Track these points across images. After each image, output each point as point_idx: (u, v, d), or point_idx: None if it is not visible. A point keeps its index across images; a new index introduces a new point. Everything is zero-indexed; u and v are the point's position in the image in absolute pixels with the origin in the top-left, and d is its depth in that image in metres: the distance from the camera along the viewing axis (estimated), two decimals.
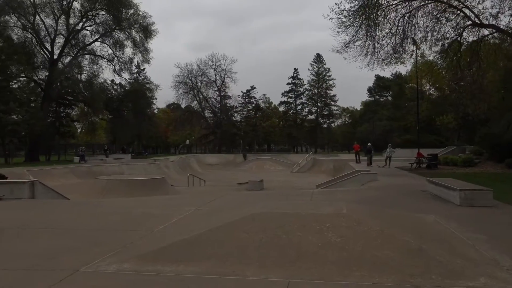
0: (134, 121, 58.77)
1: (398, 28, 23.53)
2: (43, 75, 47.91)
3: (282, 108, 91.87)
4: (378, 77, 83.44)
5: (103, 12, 48.87)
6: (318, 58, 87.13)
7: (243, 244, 5.52)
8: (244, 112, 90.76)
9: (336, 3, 23.16)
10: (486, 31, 23.60)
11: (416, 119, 41.68)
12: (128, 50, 52.44)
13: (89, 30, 49.75)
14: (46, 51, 47.11)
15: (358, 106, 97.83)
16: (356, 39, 23.82)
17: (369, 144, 33.50)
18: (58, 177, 26.78)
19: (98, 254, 5.62)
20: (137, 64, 61.35)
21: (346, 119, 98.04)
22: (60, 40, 47.87)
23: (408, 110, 58.96)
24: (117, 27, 49.41)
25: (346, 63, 69.77)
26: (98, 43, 51.14)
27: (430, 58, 27.52)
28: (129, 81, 59.63)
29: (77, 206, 11.80)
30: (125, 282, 4.58)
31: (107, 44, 51.01)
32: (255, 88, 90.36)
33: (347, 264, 4.81)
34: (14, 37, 43.60)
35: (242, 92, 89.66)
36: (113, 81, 63.46)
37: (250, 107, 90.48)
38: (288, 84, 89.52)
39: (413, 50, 25.62)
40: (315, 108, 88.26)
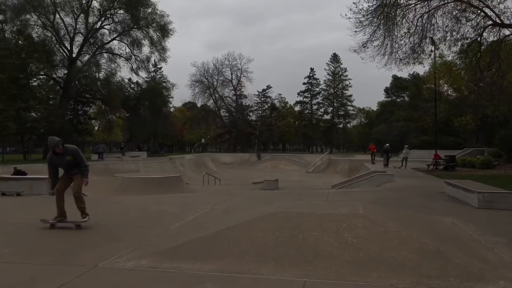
0: (150, 119, 59.24)
1: (417, 28, 23.26)
2: (62, 73, 48.71)
3: (297, 107, 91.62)
4: (395, 77, 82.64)
5: (122, 11, 49.42)
6: (335, 58, 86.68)
7: (259, 243, 5.54)
8: (259, 111, 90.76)
9: (354, 2, 22.98)
10: (507, 31, 23.20)
11: (433, 120, 41.23)
12: (145, 49, 52.93)
13: (107, 29, 50.40)
14: (65, 50, 47.76)
15: (374, 107, 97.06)
16: (373, 39, 23.63)
17: (386, 145, 33.21)
18: None
19: (116, 250, 5.70)
20: (154, 62, 61.76)
21: (362, 120, 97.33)
22: (79, 38, 48.55)
23: (425, 111, 58.32)
24: (135, 26, 49.85)
25: (363, 63, 69.55)
26: (116, 42, 51.78)
27: (449, 58, 27.18)
28: (146, 79, 60.22)
29: (94, 203, 11.92)
30: (142, 278, 4.63)
31: (125, 42, 51.57)
32: (271, 87, 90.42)
33: (364, 264, 4.80)
34: (34, 35, 44.39)
35: (258, 91, 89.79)
36: (130, 79, 64.13)
37: (266, 107, 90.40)
38: (304, 83, 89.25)
39: (431, 50, 25.32)
40: (331, 108, 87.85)
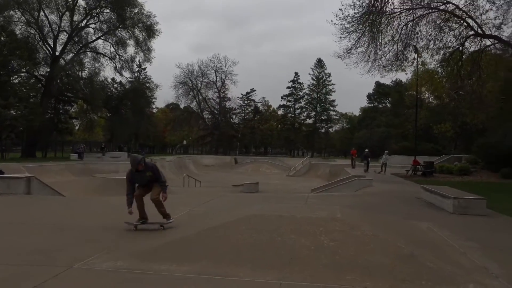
0: (133, 120, 58.69)
1: (401, 35, 23.55)
2: (44, 71, 47.80)
3: (280, 111, 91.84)
4: (378, 83, 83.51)
5: (108, 10, 48.83)
6: (319, 63, 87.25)
7: (238, 245, 5.58)
8: (242, 114, 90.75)
9: (340, 9, 23.16)
10: (488, 42, 23.64)
11: (414, 127, 41.79)
12: (130, 49, 52.44)
13: (92, 28, 49.76)
14: (48, 47, 46.98)
15: (357, 112, 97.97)
16: (358, 45, 23.81)
17: (366, 150, 33.58)
18: (54, 173, 26.67)
19: (92, 251, 5.67)
20: (138, 63, 61.20)
21: (344, 125, 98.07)
22: (63, 36, 47.80)
23: (406, 118, 59.07)
24: (120, 26, 49.37)
25: (347, 69, 69.67)
26: (100, 41, 51.12)
27: (431, 66, 27.57)
28: (129, 79, 59.63)
29: (72, 203, 11.84)
30: (118, 279, 4.62)
31: (110, 42, 50.95)
32: (255, 90, 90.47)
33: (340, 267, 4.87)
34: (17, 32, 43.54)
35: (241, 94, 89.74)
36: (113, 79, 63.50)
37: (249, 110, 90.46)
38: (288, 87, 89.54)
39: (414, 58, 25.66)
40: (314, 112, 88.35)
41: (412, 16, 23.19)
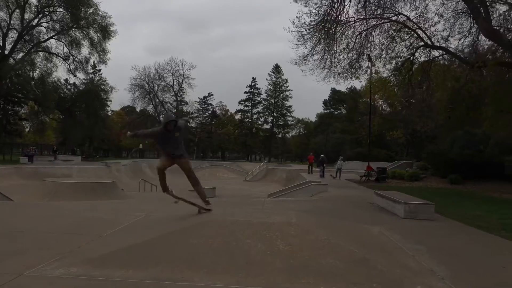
0: (87, 122, 57.18)
1: (355, 44, 24.22)
2: None
3: (238, 116, 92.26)
4: (334, 90, 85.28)
5: (61, 9, 47.43)
6: (277, 69, 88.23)
7: (193, 250, 5.57)
8: (200, 118, 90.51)
9: (297, 17, 23.59)
10: (436, 53, 24.68)
11: (368, 133, 42.92)
12: (84, 50, 51.21)
13: (44, 27, 48.22)
14: None
15: (313, 118, 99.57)
16: (314, 53, 24.33)
17: (322, 155, 34.19)
18: (2, 177, 25.59)
19: (44, 258, 5.49)
20: (93, 64, 59.74)
21: (301, 130, 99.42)
22: (13, 35, 46.14)
23: (360, 124, 60.69)
24: (74, 26, 48.08)
25: (304, 76, 70.85)
26: (53, 41, 49.62)
27: (384, 75, 28.37)
28: (83, 81, 58.14)
29: (22, 208, 11.41)
30: (71, 287, 4.51)
31: (63, 42, 49.52)
32: (213, 95, 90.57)
33: (294, 271, 4.95)
34: None
35: (199, 98, 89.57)
36: (67, 80, 61.87)
37: (206, 114, 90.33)
38: (245, 92, 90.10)
39: (368, 67, 26.38)
40: (271, 118, 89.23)
41: (366, 25, 23.92)
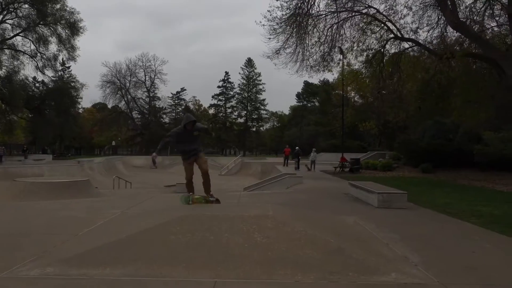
0: (57, 120, 56.06)
1: (327, 37, 24.41)
2: None
3: (212, 110, 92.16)
4: (306, 83, 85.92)
5: (27, 5, 46.11)
6: (249, 63, 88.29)
7: (171, 246, 5.57)
8: (173, 114, 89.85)
9: (268, 10, 23.67)
10: (406, 45, 25.14)
11: (341, 125, 43.41)
12: (53, 47, 49.95)
13: (10, 24, 46.70)
14: None
15: (287, 111, 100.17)
16: (286, 46, 24.43)
17: (297, 148, 34.46)
18: None
19: (18, 259, 5.39)
20: (62, 61, 58.45)
21: (275, 123, 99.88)
22: None
23: (334, 116, 61.27)
24: (41, 22, 46.80)
25: (276, 69, 71.11)
26: (19, 38, 48.18)
27: (356, 67, 28.69)
28: (53, 78, 56.97)
29: None
30: (48, 286, 4.47)
31: (30, 39, 48.18)
32: (185, 90, 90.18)
33: (272, 263, 5.02)
34: None
35: (172, 93, 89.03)
36: (35, 78, 60.52)
37: (180, 109, 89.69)
38: (218, 87, 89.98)
39: (340, 59, 26.63)
40: (245, 111, 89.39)
41: (337, 18, 24.14)
